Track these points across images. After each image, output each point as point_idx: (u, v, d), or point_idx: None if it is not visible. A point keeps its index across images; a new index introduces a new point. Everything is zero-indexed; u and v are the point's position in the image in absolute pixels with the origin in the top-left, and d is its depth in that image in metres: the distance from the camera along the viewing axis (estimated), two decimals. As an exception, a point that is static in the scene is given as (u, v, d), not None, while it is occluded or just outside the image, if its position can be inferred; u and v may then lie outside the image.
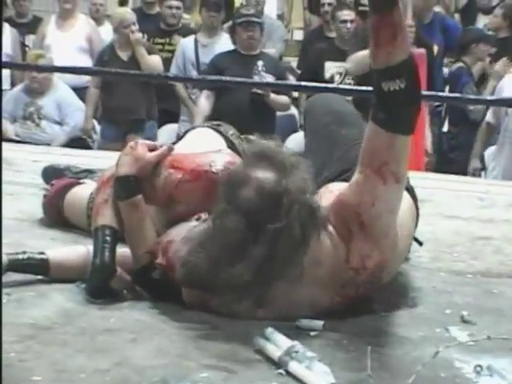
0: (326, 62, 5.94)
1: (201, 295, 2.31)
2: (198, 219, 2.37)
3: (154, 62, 6.01)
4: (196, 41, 6.25)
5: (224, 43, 6.13)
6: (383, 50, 1.99)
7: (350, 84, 5.77)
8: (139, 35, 6.07)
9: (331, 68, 5.93)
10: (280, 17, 8.40)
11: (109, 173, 2.55)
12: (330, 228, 2.17)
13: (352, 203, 2.14)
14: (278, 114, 5.92)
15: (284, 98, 5.78)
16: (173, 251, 2.31)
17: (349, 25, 6.04)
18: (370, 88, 4.68)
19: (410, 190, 2.54)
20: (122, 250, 2.48)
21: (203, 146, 2.62)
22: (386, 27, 1.97)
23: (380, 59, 2.01)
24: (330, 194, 2.33)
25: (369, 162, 2.10)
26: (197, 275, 2.20)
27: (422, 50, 5.31)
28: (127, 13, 6.27)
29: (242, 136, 2.84)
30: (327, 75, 5.92)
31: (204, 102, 5.77)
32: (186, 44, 6.30)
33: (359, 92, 4.57)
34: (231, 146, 2.75)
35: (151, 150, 2.49)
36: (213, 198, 2.32)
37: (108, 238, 2.41)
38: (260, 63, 5.67)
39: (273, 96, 5.65)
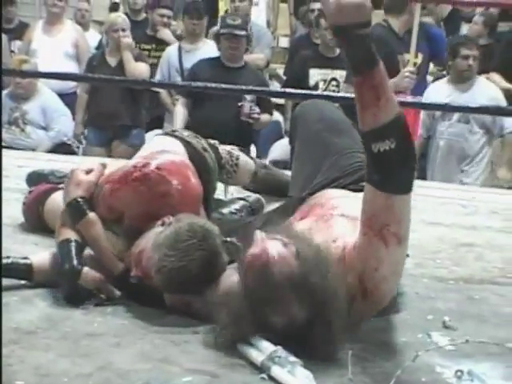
0: (311, 69, 5.94)
1: (182, 298, 2.32)
2: (162, 224, 2.39)
3: (140, 69, 5.98)
4: (180, 47, 6.25)
5: (208, 50, 6.07)
6: (368, 111, 1.93)
7: (334, 91, 5.79)
8: (129, 40, 6.04)
9: (315, 75, 5.94)
10: (267, 24, 8.39)
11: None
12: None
13: (357, 271, 2.08)
14: (263, 120, 5.89)
15: (266, 117, 5.71)
16: (145, 260, 2.33)
17: None
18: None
19: None
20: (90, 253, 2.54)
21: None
22: (369, 89, 1.91)
23: (367, 121, 1.94)
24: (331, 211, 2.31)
25: (369, 225, 2.03)
26: (174, 279, 2.21)
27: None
28: (119, 17, 6.23)
29: (203, 140, 2.93)
30: (312, 82, 5.90)
31: (181, 109, 5.72)
32: (170, 51, 6.30)
33: (343, 99, 4.58)
34: (187, 145, 2.84)
35: (88, 172, 2.62)
36: (147, 198, 2.44)
37: (72, 244, 2.48)
38: (248, 97, 5.49)
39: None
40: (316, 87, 5.88)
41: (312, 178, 2.60)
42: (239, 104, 5.45)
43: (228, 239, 2.33)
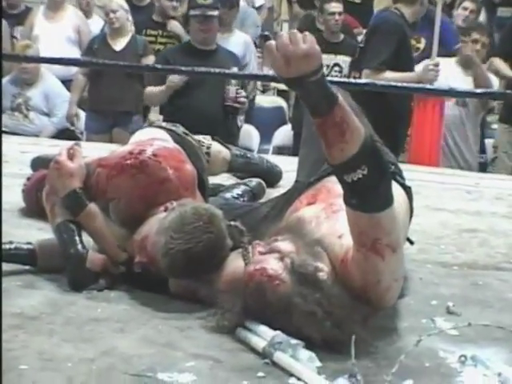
0: None
1: (188, 286, 2.32)
2: (165, 210, 2.38)
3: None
4: None
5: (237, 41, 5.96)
6: (335, 148, 1.89)
7: (336, 76, 5.77)
8: None
9: None
10: (270, 9, 8.37)
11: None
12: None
13: (358, 283, 2.04)
14: (267, 106, 5.85)
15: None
16: (150, 245, 2.32)
17: (337, 17, 6.04)
18: (357, 81, 4.74)
19: (408, 190, 2.51)
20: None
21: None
22: (331, 127, 1.87)
23: (335, 156, 1.90)
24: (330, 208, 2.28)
25: (360, 243, 1.99)
26: (180, 261, 2.21)
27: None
28: (112, 1, 6.15)
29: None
30: None
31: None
32: None
33: (345, 84, 4.57)
34: (170, 132, 2.83)
35: (70, 156, 2.56)
36: (145, 184, 2.43)
37: (72, 227, 2.47)
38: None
39: None
40: None
41: (319, 164, 2.59)
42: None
43: (232, 223, 2.33)
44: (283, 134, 6.44)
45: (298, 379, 1.85)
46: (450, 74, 5.38)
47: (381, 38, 4.79)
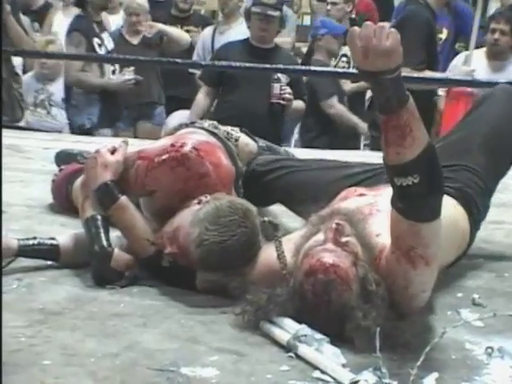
0: None
1: (218, 280, 2.30)
2: (199, 203, 2.37)
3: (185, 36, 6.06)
4: (214, 29, 6.18)
5: (240, 30, 5.88)
6: (392, 148, 1.86)
7: (344, 67, 5.72)
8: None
9: None
10: (289, 2, 8.32)
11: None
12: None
13: (387, 283, 2.03)
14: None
15: (299, 104, 5.35)
16: (183, 236, 2.31)
17: (346, 8, 6.04)
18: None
19: (475, 218, 2.53)
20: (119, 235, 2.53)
21: None
22: (394, 128, 1.85)
23: (390, 157, 1.88)
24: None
25: (396, 245, 1.98)
26: (214, 253, 2.20)
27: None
28: (134, 2, 6.18)
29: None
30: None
31: (202, 98, 5.40)
32: (205, 33, 6.22)
33: (353, 75, 4.51)
34: (211, 134, 2.77)
35: (113, 152, 2.57)
36: (185, 178, 2.42)
37: (99, 223, 2.46)
38: (279, 74, 5.08)
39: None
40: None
41: None
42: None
43: (266, 219, 2.33)
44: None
45: (323, 372, 1.84)
46: (479, 66, 5.35)
47: (411, 35, 4.71)
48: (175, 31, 6.11)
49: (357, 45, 1.78)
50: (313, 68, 5.17)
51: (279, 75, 5.11)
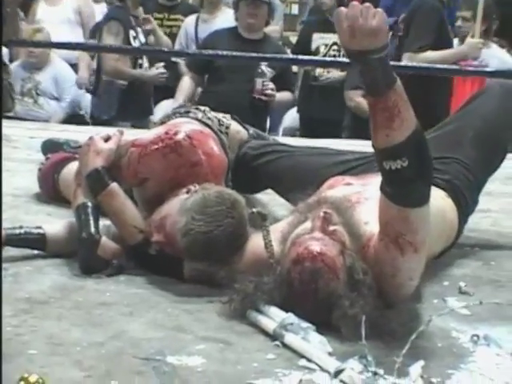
0: (315, 33, 5.78)
1: (205, 269, 2.29)
2: (187, 192, 2.37)
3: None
4: (198, 17, 6.17)
5: (225, 19, 5.86)
6: (381, 131, 1.85)
7: (334, 56, 5.71)
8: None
9: (317, 39, 5.79)
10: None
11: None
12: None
13: (374, 274, 2.02)
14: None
15: (286, 95, 5.33)
16: (170, 225, 2.31)
17: None
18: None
19: (463, 210, 2.53)
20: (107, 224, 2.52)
21: None
22: (382, 110, 1.83)
23: (379, 140, 1.87)
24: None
25: (385, 232, 1.97)
26: (200, 243, 2.20)
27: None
28: None
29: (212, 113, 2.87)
30: (313, 47, 5.77)
31: (187, 83, 5.36)
32: (188, 21, 6.20)
33: (342, 64, 4.50)
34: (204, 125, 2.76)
35: (106, 139, 2.57)
36: (177, 165, 2.42)
37: (89, 211, 2.45)
38: (263, 67, 5.06)
39: (276, 96, 5.16)
40: (317, 51, 5.76)
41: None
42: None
43: (254, 210, 2.32)
44: (290, 115, 6.41)
45: (309, 361, 1.84)
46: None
47: (421, 21, 4.78)
48: (163, 36, 6.09)
49: (343, 25, 1.78)
50: (300, 57, 5.16)
51: (264, 69, 5.09)
